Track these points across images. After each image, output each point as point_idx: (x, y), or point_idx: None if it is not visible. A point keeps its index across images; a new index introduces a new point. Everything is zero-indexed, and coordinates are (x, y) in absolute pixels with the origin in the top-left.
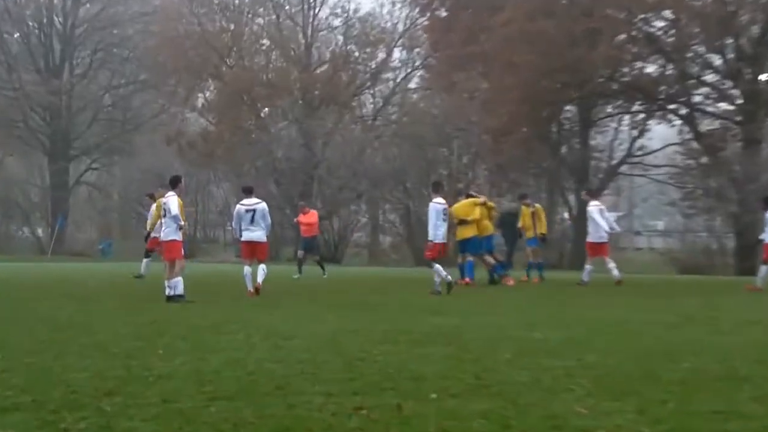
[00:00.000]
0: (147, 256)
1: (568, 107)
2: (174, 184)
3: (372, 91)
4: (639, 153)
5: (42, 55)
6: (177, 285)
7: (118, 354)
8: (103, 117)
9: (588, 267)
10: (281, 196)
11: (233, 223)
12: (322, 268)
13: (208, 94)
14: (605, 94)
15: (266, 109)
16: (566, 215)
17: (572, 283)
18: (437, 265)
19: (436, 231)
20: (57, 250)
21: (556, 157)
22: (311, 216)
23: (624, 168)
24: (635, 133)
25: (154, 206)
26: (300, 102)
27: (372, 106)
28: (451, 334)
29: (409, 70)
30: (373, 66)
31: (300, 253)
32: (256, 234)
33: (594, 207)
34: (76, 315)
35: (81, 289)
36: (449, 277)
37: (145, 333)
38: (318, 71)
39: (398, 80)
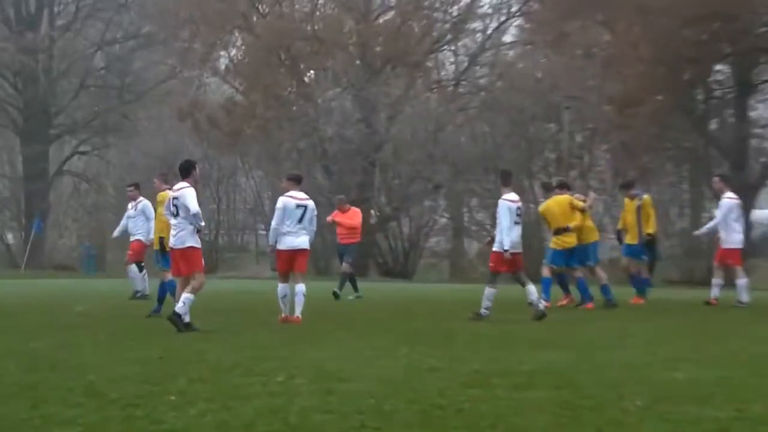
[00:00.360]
0: (140, 268)
1: (718, 67)
2: (186, 172)
3: (453, 48)
4: None
5: (12, 2)
6: (185, 302)
7: (117, 401)
8: (93, 83)
9: (740, 282)
10: (332, 188)
11: (273, 222)
12: (341, 286)
13: (233, 52)
14: None
15: (312, 71)
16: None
17: (726, 304)
18: (490, 289)
19: (509, 237)
20: (33, 262)
21: (702, 135)
22: (353, 215)
23: None
24: None
25: (141, 201)
26: (357, 62)
27: (453, 67)
28: (564, 374)
29: (503, 19)
30: (455, 13)
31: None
32: (301, 240)
33: (727, 200)
34: (60, 350)
35: (66, 314)
36: (487, 311)
37: (152, 373)
38: (381, 20)
39: (489, 32)
